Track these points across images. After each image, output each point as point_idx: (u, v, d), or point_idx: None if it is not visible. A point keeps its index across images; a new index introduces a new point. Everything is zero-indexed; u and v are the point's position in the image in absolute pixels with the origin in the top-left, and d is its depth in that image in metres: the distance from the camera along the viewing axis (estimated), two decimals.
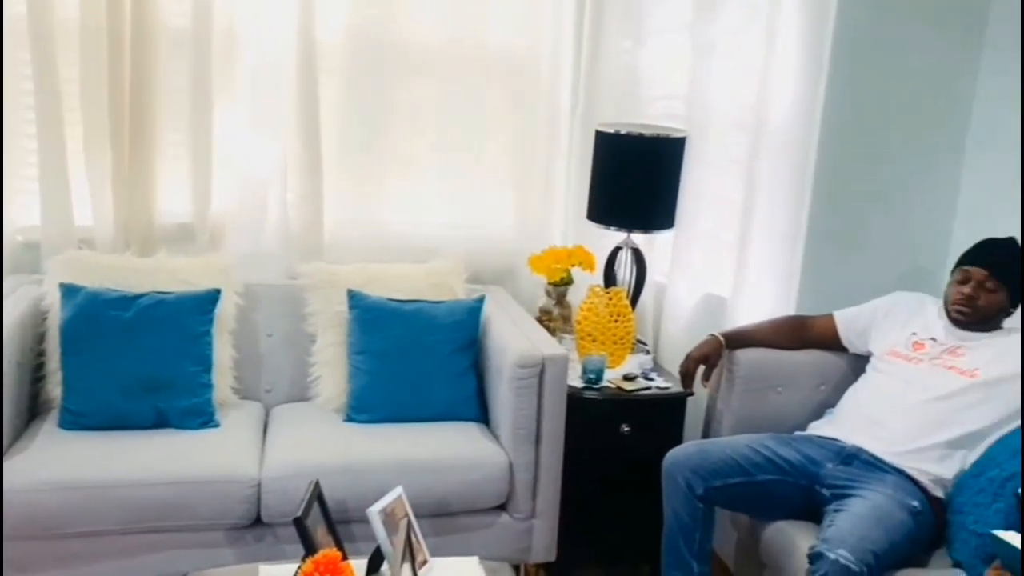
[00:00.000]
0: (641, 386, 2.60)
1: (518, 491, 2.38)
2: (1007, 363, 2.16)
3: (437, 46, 2.77)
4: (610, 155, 2.69)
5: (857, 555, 1.86)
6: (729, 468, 2.23)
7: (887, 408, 2.26)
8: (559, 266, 2.81)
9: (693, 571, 2.26)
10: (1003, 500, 1.96)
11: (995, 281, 2.20)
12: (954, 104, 2.69)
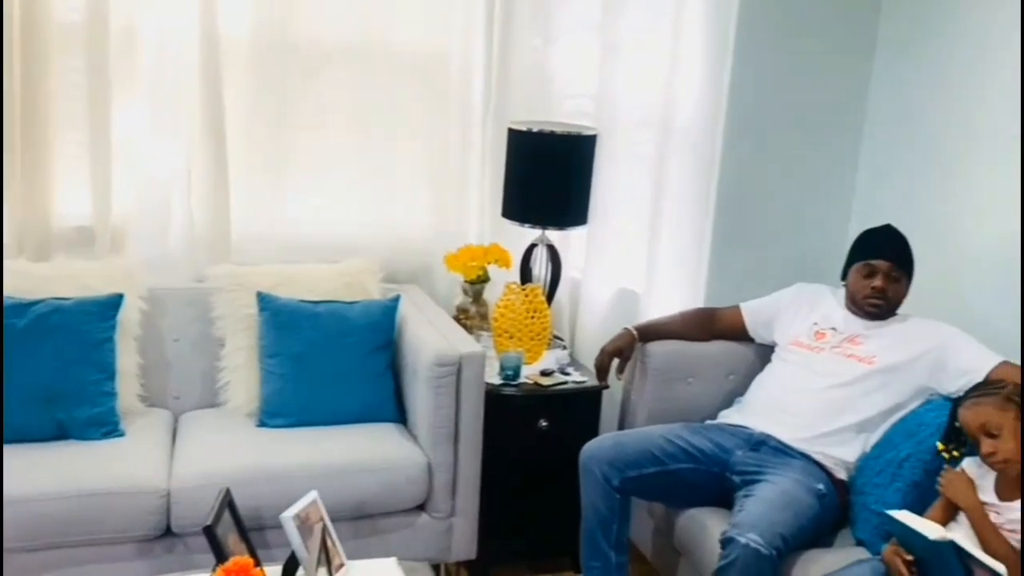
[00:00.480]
0: (558, 381, 2.62)
1: (437, 491, 2.37)
2: (902, 349, 2.26)
3: (345, 43, 2.73)
4: (523, 153, 2.70)
5: (767, 538, 1.92)
6: (644, 459, 2.27)
7: (792, 396, 2.33)
8: (475, 264, 2.81)
9: (611, 562, 2.30)
10: (901, 480, 2.05)
11: (899, 271, 2.29)
12: (850, 100, 2.81)
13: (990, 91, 2.42)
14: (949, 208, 2.54)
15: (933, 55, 2.59)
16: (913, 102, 2.66)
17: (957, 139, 2.52)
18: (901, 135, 2.70)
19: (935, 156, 2.59)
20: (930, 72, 2.61)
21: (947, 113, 2.55)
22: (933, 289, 2.43)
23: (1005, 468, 1.78)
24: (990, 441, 1.78)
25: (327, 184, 2.81)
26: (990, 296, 2.40)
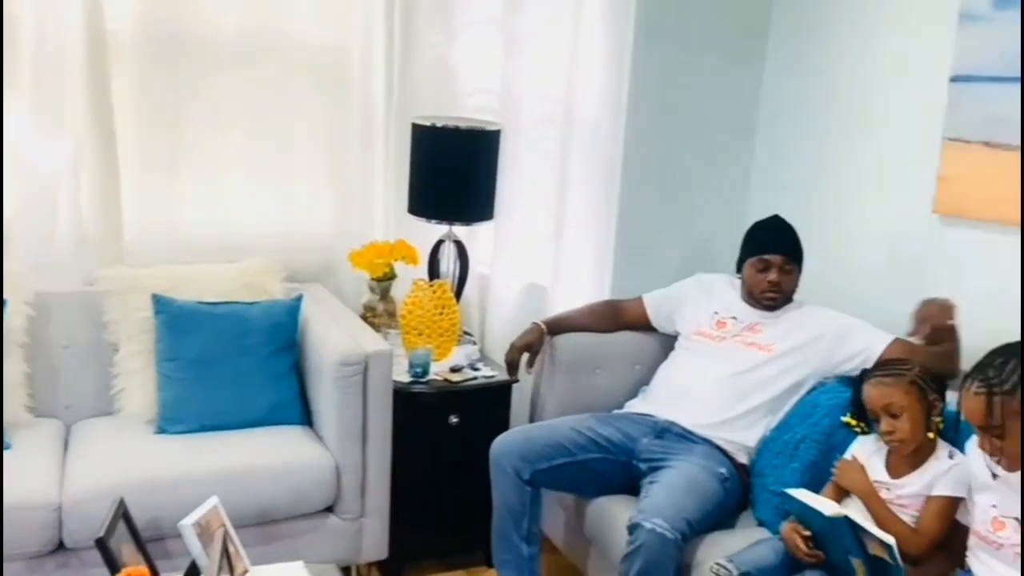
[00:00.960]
0: (468, 377, 2.62)
1: (346, 492, 2.33)
2: (799, 336, 2.33)
3: (239, 37, 2.65)
4: (427, 148, 2.68)
5: (671, 523, 1.96)
6: (553, 451, 2.29)
7: (695, 384, 2.39)
8: (381, 261, 2.78)
9: (523, 554, 2.31)
10: (797, 460, 2.13)
11: (791, 263, 2.36)
12: (744, 94, 2.90)
13: (872, 87, 2.53)
14: (839, 198, 2.64)
15: (820, 51, 2.70)
16: (803, 96, 2.76)
17: (844, 130, 2.62)
18: (793, 128, 2.79)
19: (825, 148, 2.69)
20: (817, 65, 2.71)
21: (834, 106, 2.66)
22: (826, 275, 2.53)
23: (900, 447, 1.86)
24: (891, 421, 1.85)
25: (224, 182, 2.72)
26: (879, 280, 2.51)
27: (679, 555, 1.98)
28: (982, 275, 2.23)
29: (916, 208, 2.35)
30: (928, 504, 1.83)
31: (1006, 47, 2.10)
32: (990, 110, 2.14)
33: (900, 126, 2.43)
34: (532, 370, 2.55)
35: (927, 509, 1.83)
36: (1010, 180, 2.10)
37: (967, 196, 2.22)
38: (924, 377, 1.88)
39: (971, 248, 2.25)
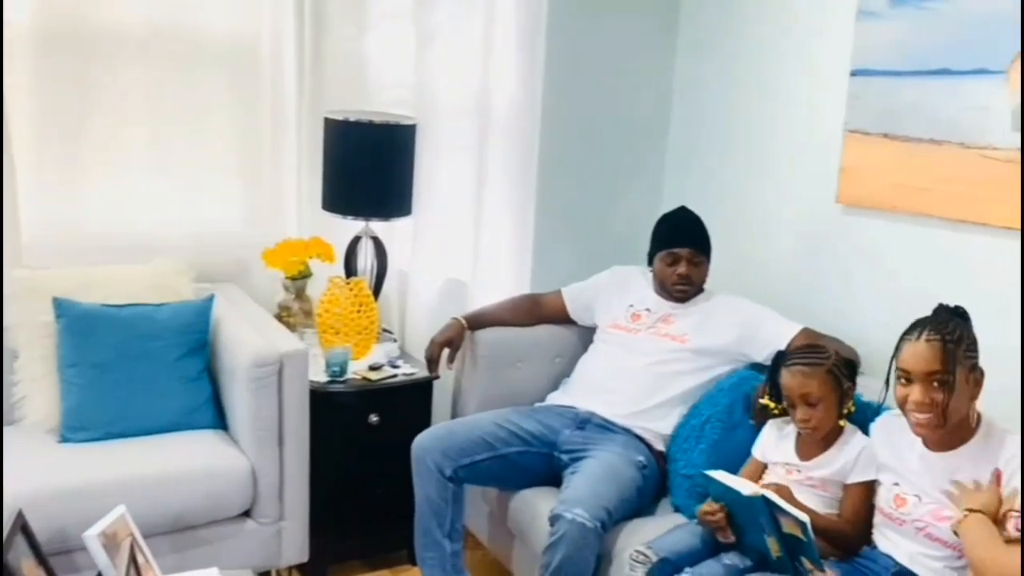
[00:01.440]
0: (387, 375, 2.59)
1: (263, 495, 2.28)
2: (711, 326, 2.38)
3: (143, 29, 2.55)
4: (341, 143, 2.64)
5: (591, 512, 1.98)
6: (475, 446, 2.28)
7: (613, 375, 2.42)
8: (296, 259, 2.72)
9: (446, 550, 2.30)
10: (704, 442, 2.18)
11: (699, 255, 2.41)
12: (658, 87, 2.94)
13: (777, 81, 2.60)
14: (748, 189, 2.71)
15: (729, 45, 2.76)
16: (713, 89, 2.82)
17: (752, 123, 2.69)
18: (704, 120, 2.85)
19: (734, 140, 2.76)
20: (726, 59, 2.77)
21: (742, 99, 2.72)
22: (737, 265, 2.59)
23: (813, 434, 1.92)
24: (808, 409, 1.90)
25: (131, 180, 2.62)
26: (787, 269, 2.58)
27: (599, 544, 2.01)
28: (882, 263, 2.31)
29: (821, 198, 2.43)
30: (848, 492, 1.88)
31: (901, 42, 2.18)
32: (888, 103, 2.22)
33: (804, 119, 2.51)
34: (452, 366, 2.54)
35: (849, 497, 1.88)
36: (908, 170, 2.19)
37: (868, 186, 2.30)
38: (839, 365, 1.93)
39: (872, 237, 2.34)
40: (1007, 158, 1.97)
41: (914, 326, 1.70)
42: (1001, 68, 1.97)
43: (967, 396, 1.66)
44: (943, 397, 1.63)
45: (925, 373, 1.65)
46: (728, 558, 1.87)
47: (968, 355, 1.66)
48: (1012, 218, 1.98)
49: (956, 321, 1.69)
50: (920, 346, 1.66)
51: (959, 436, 1.71)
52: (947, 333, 1.65)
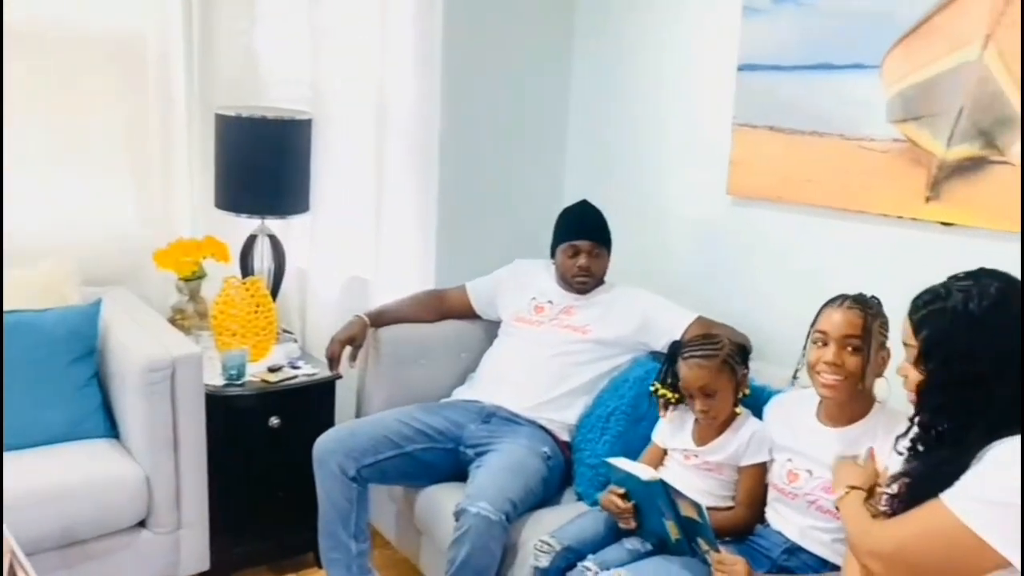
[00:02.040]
0: (287, 376, 2.54)
1: (159, 504, 2.21)
2: (612, 317, 2.42)
3: (27, 24, 2.42)
4: (234, 140, 2.57)
5: (496, 505, 1.99)
6: (379, 444, 2.26)
7: (518, 368, 2.43)
8: (189, 259, 2.64)
9: (352, 551, 2.27)
10: (608, 433, 2.22)
11: (599, 247, 2.45)
12: (555, 80, 2.96)
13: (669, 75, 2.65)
14: (645, 182, 2.76)
15: (623, 40, 2.80)
16: (609, 83, 2.86)
17: (647, 116, 2.74)
18: (601, 113, 2.89)
19: (630, 133, 2.80)
20: (620, 53, 2.81)
21: (637, 93, 2.77)
22: (635, 256, 2.64)
23: (712, 422, 1.97)
24: (706, 400, 1.94)
25: (13, 180, 2.48)
26: (682, 259, 2.65)
27: (505, 536, 2.02)
28: (771, 252, 2.39)
29: (713, 190, 2.49)
30: (743, 474, 1.94)
31: (784, 38, 2.26)
32: (773, 97, 2.30)
33: (696, 113, 2.57)
34: (355, 364, 2.50)
35: (744, 479, 1.94)
36: (792, 162, 2.27)
37: (756, 178, 2.38)
38: (733, 353, 1.99)
39: (761, 227, 2.41)
40: (883, 148, 2.07)
41: (838, 296, 1.80)
42: (876, 63, 2.06)
43: (872, 371, 1.75)
44: (855, 362, 1.73)
45: (842, 336, 1.74)
46: (630, 543, 1.91)
47: (882, 333, 1.76)
48: (888, 206, 2.08)
49: (876, 302, 1.79)
50: (841, 311, 1.76)
51: (855, 411, 1.79)
52: (868, 307, 1.76)
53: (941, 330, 1.36)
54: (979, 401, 1.32)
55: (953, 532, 1.25)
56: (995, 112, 1.86)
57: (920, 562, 1.29)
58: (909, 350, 1.42)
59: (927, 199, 1.99)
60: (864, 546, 1.39)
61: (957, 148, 1.92)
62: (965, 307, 1.34)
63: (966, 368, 1.33)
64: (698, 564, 1.76)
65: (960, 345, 1.34)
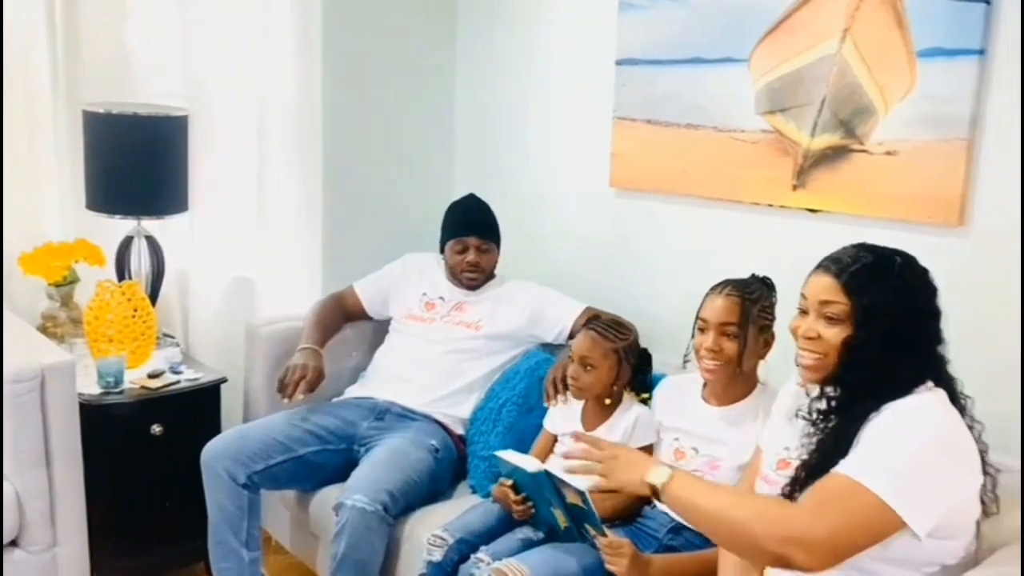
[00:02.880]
0: (169, 382, 2.45)
1: (31, 522, 2.09)
2: (503, 311, 2.43)
3: None
4: (104, 138, 2.45)
5: (371, 496, 1.99)
6: (270, 449, 2.22)
7: (411, 365, 2.42)
8: (59, 264, 2.51)
9: (244, 559, 2.22)
10: (500, 425, 2.24)
11: (487, 242, 2.45)
12: (440, 73, 2.96)
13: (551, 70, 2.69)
14: (531, 175, 2.79)
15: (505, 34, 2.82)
16: (493, 77, 2.88)
17: (531, 110, 2.77)
18: (487, 108, 2.91)
19: (516, 127, 2.83)
20: (503, 48, 2.83)
21: (521, 87, 2.80)
22: (525, 249, 2.67)
23: (578, 395, 2.01)
24: (580, 370, 1.99)
25: None
26: (569, 251, 2.69)
27: (386, 527, 2.02)
28: (652, 242, 2.46)
29: (596, 182, 2.54)
30: None
31: (659, 33, 2.32)
32: (650, 90, 2.36)
33: (578, 106, 2.61)
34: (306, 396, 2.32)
35: None
36: (670, 154, 2.33)
37: (636, 170, 2.44)
38: (629, 351, 2.03)
39: (642, 218, 2.48)
40: (753, 140, 2.15)
41: (721, 282, 1.85)
42: (744, 57, 2.14)
43: (755, 354, 1.81)
44: (733, 347, 1.78)
45: (720, 323, 1.79)
46: (522, 532, 1.93)
47: (762, 316, 1.81)
48: (759, 195, 2.16)
49: (760, 286, 1.84)
50: (720, 299, 1.81)
51: (738, 392, 1.85)
52: (747, 293, 1.81)
53: (881, 290, 1.37)
54: (900, 359, 1.37)
55: (873, 509, 1.26)
56: (854, 103, 1.96)
57: (850, 544, 1.27)
58: (830, 307, 1.40)
59: (794, 187, 2.09)
60: (780, 533, 1.27)
61: (820, 138, 2.02)
62: (898, 269, 1.40)
63: (900, 326, 1.37)
64: (588, 550, 1.80)
65: (901, 304, 1.37)
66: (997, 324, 1.79)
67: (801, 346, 1.45)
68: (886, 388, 1.37)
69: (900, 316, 1.37)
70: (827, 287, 1.41)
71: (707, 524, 1.38)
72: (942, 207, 1.84)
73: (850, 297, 1.38)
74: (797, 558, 1.26)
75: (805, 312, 1.45)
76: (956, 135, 1.80)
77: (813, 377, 1.45)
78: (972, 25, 1.76)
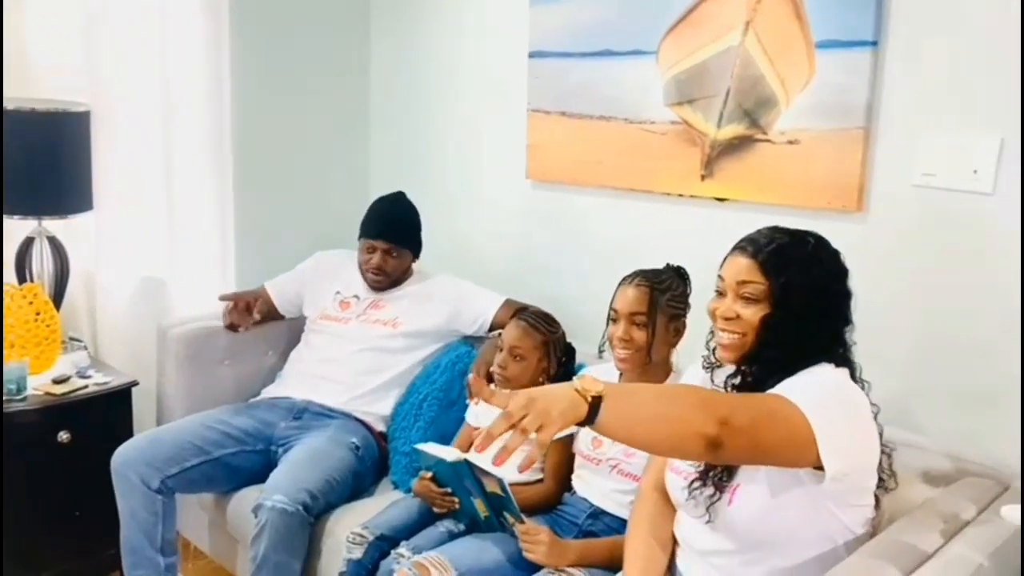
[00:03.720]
0: (76, 387, 2.36)
1: None
2: (422, 308, 2.42)
3: None
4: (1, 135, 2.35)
5: (291, 496, 1.97)
6: (184, 452, 2.17)
7: (327, 364, 2.39)
8: None
9: (160, 566, 2.17)
10: (421, 419, 2.23)
11: (397, 248, 2.41)
12: (354, 69, 2.93)
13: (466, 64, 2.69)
14: (449, 168, 2.78)
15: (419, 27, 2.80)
16: (409, 71, 2.86)
17: (447, 103, 2.76)
18: (403, 102, 2.88)
19: (433, 121, 2.81)
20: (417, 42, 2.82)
21: (436, 80, 2.78)
22: (446, 242, 2.67)
23: (504, 384, 2.02)
24: (511, 360, 2.01)
25: None
26: (488, 244, 2.69)
27: (307, 528, 2.00)
28: (570, 233, 2.48)
29: (513, 175, 2.55)
30: (550, 449, 1.97)
31: (570, 25, 2.34)
32: (563, 83, 2.38)
33: (494, 99, 2.62)
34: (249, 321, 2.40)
35: (550, 453, 1.98)
36: (584, 146, 2.35)
37: (551, 162, 2.45)
38: (558, 345, 2.05)
39: (558, 209, 2.49)
40: (663, 131, 2.19)
41: (632, 273, 1.87)
42: (653, 49, 2.18)
43: (666, 342, 1.84)
44: (642, 336, 1.80)
45: (629, 313, 1.82)
46: (443, 525, 1.93)
47: (672, 305, 1.83)
48: (670, 185, 2.20)
49: (671, 276, 1.87)
50: (630, 290, 1.83)
51: (654, 379, 1.87)
52: (656, 283, 1.83)
53: (796, 269, 1.40)
54: (814, 337, 1.41)
55: (796, 424, 1.28)
56: (757, 94, 2.01)
57: (763, 439, 1.28)
58: (748, 287, 1.42)
59: (702, 177, 2.13)
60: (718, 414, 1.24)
61: (726, 128, 2.07)
62: (812, 249, 1.43)
63: (815, 304, 1.40)
64: (508, 538, 1.81)
65: (815, 283, 1.41)
66: (895, 306, 1.86)
67: (720, 327, 1.47)
68: (800, 362, 1.41)
69: (815, 294, 1.41)
70: (745, 268, 1.44)
71: (648, 423, 1.26)
72: (841, 194, 1.91)
73: (767, 276, 1.41)
74: (726, 441, 1.23)
75: (722, 294, 1.47)
76: (853, 124, 1.87)
77: (732, 357, 1.47)
78: (865, 17, 1.82)
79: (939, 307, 1.81)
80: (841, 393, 1.39)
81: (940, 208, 1.78)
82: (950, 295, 1.79)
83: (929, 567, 1.30)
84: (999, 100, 1.69)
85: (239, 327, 2.41)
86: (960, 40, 1.73)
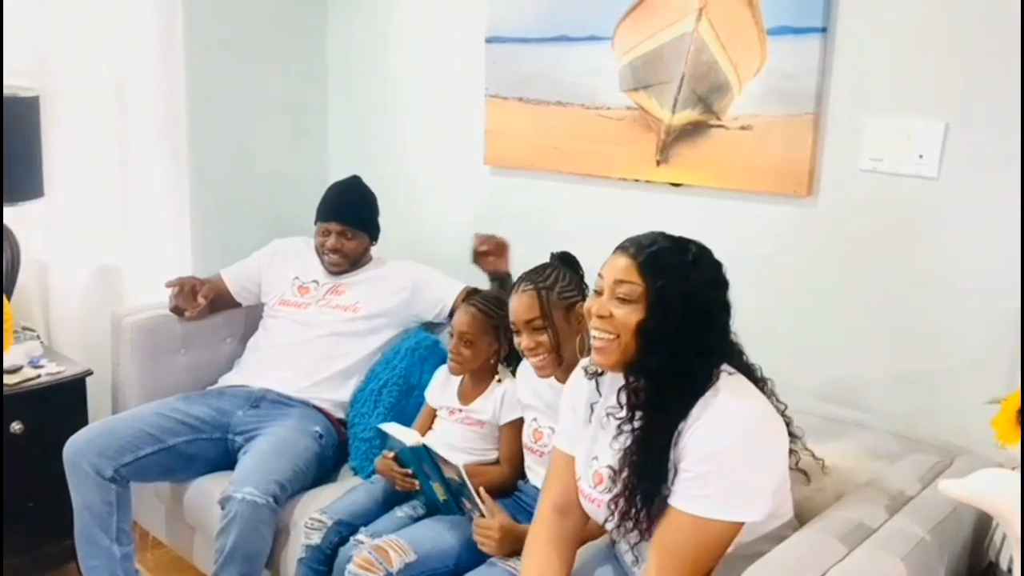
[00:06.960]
0: (28, 377, 2.32)
1: None
2: (381, 293, 2.41)
3: None
4: None
5: (261, 488, 1.96)
6: (138, 441, 2.15)
7: (285, 351, 2.38)
8: None
9: (115, 555, 2.15)
10: (381, 405, 2.23)
11: (353, 230, 2.40)
12: (311, 52, 2.90)
13: (423, 49, 2.68)
14: (407, 154, 2.78)
15: (376, 12, 2.79)
16: (366, 56, 2.84)
17: (405, 90, 2.75)
18: (361, 88, 2.87)
19: (390, 107, 2.80)
20: (375, 26, 2.80)
21: (393, 66, 2.77)
22: (404, 228, 2.66)
23: (456, 370, 2.03)
24: (459, 344, 2.00)
25: None
26: (448, 230, 2.69)
27: (275, 519, 1.99)
28: (528, 219, 2.48)
29: (471, 161, 2.55)
30: (503, 432, 2.01)
31: (526, 11, 2.34)
32: (519, 69, 2.38)
33: (452, 85, 2.61)
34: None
35: (504, 437, 2.01)
36: (541, 131, 2.36)
37: (509, 148, 2.46)
38: (505, 323, 2.05)
39: (516, 195, 2.50)
40: (619, 116, 2.20)
41: (516, 280, 1.83)
42: (608, 35, 2.19)
43: (572, 335, 1.78)
44: (547, 339, 1.76)
45: (525, 321, 1.77)
46: (401, 511, 1.94)
47: (564, 296, 1.78)
48: (626, 170, 2.22)
49: (555, 267, 1.82)
50: (519, 298, 1.79)
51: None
52: (540, 281, 1.78)
53: (675, 274, 1.36)
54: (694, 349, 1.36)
55: (721, 533, 1.31)
56: (710, 79, 2.03)
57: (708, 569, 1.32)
58: (624, 287, 1.38)
59: (658, 162, 2.15)
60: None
61: (681, 114, 2.09)
62: (693, 257, 1.39)
63: (693, 313, 1.35)
64: (467, 522, 1.82)
65: (693, 291, 1.36)
66: (843, 288, 1.90)
67: (593, 325, 1.41)
68: (687, 382, 1.36)
69: (690, 300, 1.36)
70: (623, 267, 1.39)
71: None
72: (792, 179, 1.94)
73: (644, 278, 1.36)
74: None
75: (600, 293, 1.42)
76: (803, 110, 1.90)
77: (606, 361, 1.41)
78: (815, 4, 1.85)
79: (886, 290, 1.85)
80: (743, 441, 1.33)
81: (887, 192, 1.82)
82: (897, 278, 1.83)
83: (871, 541, 1.33)
84: (944, 86, 1.73)
85: (185, 311, 2.39)
86: (907, 27, 1.76)
